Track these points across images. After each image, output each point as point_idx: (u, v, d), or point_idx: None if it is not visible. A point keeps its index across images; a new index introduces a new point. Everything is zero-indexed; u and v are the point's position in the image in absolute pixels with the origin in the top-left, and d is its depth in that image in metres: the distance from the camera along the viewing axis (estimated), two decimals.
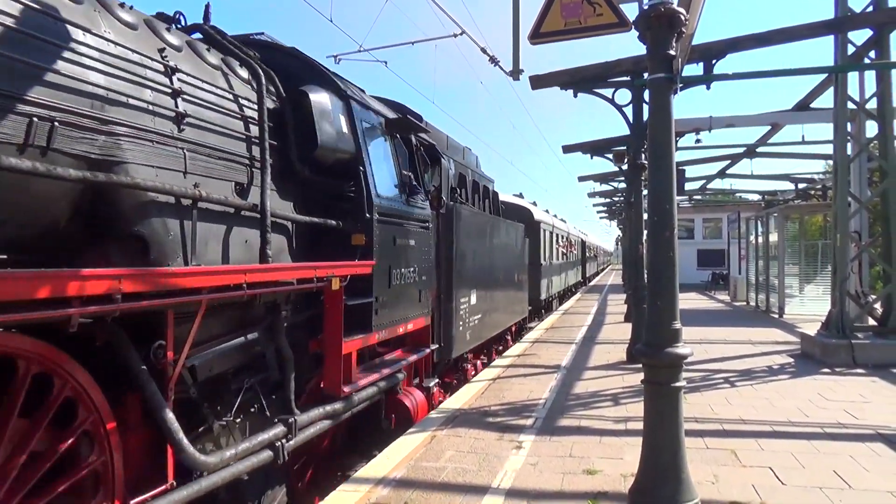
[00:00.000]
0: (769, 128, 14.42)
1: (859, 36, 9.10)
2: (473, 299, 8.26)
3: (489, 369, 9.03)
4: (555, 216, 24.37)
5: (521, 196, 19.07)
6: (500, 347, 11.49)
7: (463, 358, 8.62)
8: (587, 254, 38.40)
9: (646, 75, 4.58)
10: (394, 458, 4.92)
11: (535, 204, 20.00)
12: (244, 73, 4.45)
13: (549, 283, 19.17)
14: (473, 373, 9.03)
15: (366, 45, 10.67)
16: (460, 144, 9.33)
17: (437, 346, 7.10)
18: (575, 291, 28.37)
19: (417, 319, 6.33)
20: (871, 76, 9.39)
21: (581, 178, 25.22)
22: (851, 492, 4.13)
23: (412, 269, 6.08)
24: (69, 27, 2.92)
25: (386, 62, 11.52)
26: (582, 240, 34.44)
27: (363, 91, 6.21)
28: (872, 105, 9.24)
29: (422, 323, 6.50)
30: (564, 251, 23.57)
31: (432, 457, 5.02)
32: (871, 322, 9.37)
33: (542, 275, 17.04)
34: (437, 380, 7.22)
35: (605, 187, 28.56)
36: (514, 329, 12.78)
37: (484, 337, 9.22)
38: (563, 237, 23.17)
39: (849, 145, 9.37)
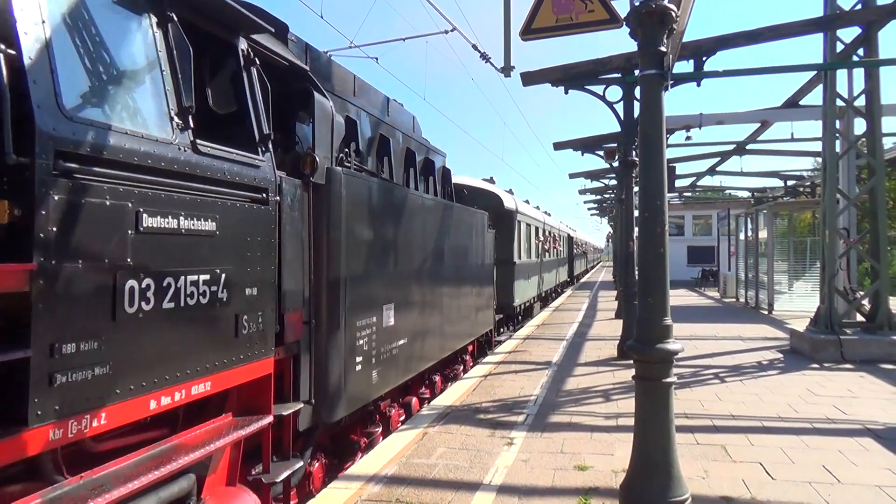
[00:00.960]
0: (758, 125, 14.51)
1: (848, 34, 9.20)
2: (390, 319, 5.75)
3: (480, 366, 9.03)
4: (536, 207, 22.23)
5: (491, 181, 15.66)
6: (454, 373, 9.00)
7: (370, 409, 5.83)
8: (575, 250, 36.17)
9: (637, 72, 4.58)
10: (385, 455, 4.92)
11: (510, 192, 16.61)
12: None
13: (528, 284, 16.35)
14: (402, 418, 6.63)
15: (357, 42, 10.58)
16: (381, 94, 6.83)
17: (304, 403, 4.27)
18: (560, 293, 26.62)
19: (235, 369, 3.34)
20: (859, 73, 9.47)
21: (572, 175, 25.36)
22: (840, 486, 4.17)
23: (208, 275, 3.13)
24: None
25: (377, 58, 11.39)
26: (569, 235, 32.03)
27: None
28: (861, 102, 9.32)
29: (256, 371, 3.55)
30: (547, 247, 20.68)
31: (423, 453, 5.02)
32: (860, 318, 9.49)
33: (515, 275, 14.21)
34: (301, 464, 4.30)
35: (596, 184, 28.75)
36: (472, 348, 10.09)
37: (415, 368, 6.58)
38: (545, 231, 20.46)
39: (837, 142, 9.46)
